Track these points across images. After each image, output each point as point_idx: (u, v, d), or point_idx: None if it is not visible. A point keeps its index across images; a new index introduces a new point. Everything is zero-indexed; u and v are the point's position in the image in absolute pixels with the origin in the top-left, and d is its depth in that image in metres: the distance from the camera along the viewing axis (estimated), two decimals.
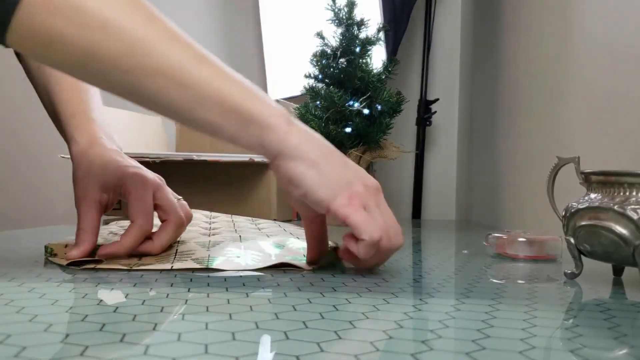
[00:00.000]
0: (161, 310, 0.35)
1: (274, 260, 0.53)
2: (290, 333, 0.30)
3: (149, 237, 0.54)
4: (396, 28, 1.49)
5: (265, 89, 1.71)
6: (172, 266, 0.50)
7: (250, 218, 0.75)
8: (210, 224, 0.68)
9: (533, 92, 1.08)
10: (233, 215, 0.75)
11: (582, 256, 0.50)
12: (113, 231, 0.62)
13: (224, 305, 0.36)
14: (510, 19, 1.27)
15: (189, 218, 0.58)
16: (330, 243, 0.59)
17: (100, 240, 0.54)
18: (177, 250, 0.54)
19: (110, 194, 0.55)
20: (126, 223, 0.66)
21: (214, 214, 0.76)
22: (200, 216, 0.73)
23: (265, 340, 0.29)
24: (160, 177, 0.58)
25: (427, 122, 1.58)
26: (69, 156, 0.57)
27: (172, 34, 0.46)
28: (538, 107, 1.05)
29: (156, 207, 0.55)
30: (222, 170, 1.17)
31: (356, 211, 0.46)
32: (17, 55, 0.62)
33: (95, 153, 0.56)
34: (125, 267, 0.49)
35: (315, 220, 0.52)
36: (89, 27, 0.41)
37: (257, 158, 1.12)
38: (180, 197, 0.60)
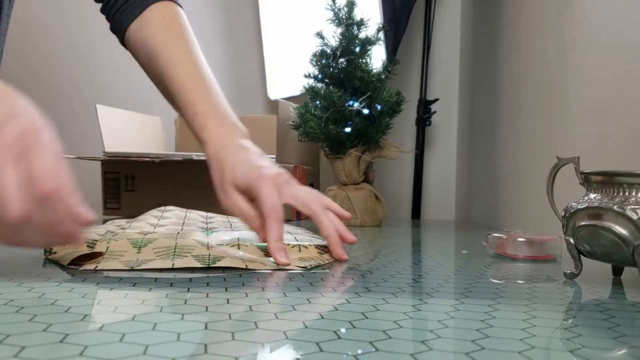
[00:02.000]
0: (160, 310, 0.35)
1: (272, 263, 0.53)
2: (289, 333, 0.30)
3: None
4: (396, 28, 1.49)
5: (265, 88, 1.71)
6: (172, 264, 0.50)
7: None
8: (207, 223, 0.68)
9: (533, 92, 1.08)
10: (229, 216, 0.75)
11: (581, 256, 0.50)
12: (110, 230, 0.62)
13: (224, 305, 0.36)
14: (509, 19, 1.28)
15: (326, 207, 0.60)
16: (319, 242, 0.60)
17: (97, 237, 0.54)
18: (176, 244, 0.54)
19: (246, 194, 0.58)
20: (122, 222, 0.67)
21: (210, 214, 0.76)
22: (196, 216, 0.73)
23: (265, 340, 0.29)
24: (286, 174, 0.60)
25: (427, 122, 1.58)
26: (72, 156, 0.59)
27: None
28: (537, 107, 1.05)
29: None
30: None
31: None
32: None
33: (224, 155, 0.61)
34: (125, 268, 0.49)
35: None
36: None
37: None
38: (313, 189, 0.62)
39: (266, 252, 0.56)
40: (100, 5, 0.79)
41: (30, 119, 0.39)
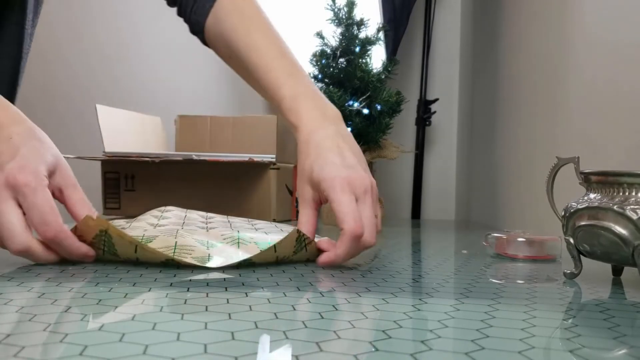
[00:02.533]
0: (160, 310, 0.35)
1: (269, 243, 0.53)
2: (289, 333, 0.30)
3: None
4: (396, 28, 1.49)
5: None
6: (173, 256, 0.50)
7: (246, 219, 0.75)
8: (207, 223, 0.68)
9: (533, 92, 1.08)
10: (229, 217, 0.75)
11: (581, 256, 0.50)
12: None
13: (223, 305, 0.36)
14: (509, 19, 1.28)
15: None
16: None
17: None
18: (176, 243, 0.54)
19: (321, 192, 0.54)
20: (122, 222, 0.66)
21: (209, 214, 0.75)
22: (196, 216, 0.73)
23: (265, 340, 0.29)
24: (369, 182, 0.54)
25: (427, 122, 1.58)
26: (72, 156, 0.61)
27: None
28: (537, 107, 1.05)
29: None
30: (221, 170, 1.17)
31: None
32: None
33: (313, 143, 0.56)
34: (133, 242, 0.50)
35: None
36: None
37: (257, 158, 1.12)
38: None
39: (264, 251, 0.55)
40: (175, 9, 0.78)
41: (26, 161, 0.47)
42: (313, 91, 0.63)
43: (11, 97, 0.77)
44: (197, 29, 0.75)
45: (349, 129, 1.11)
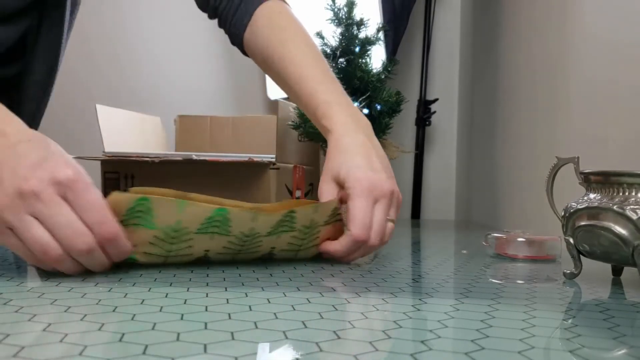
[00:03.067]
0: (160, 310, 0.35)
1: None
2: (289, 333, 0.30)
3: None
4: (396, 28, 1.49)
5: (265, 88, 1.71)
6: (222, 207, 0.48)
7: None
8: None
9: (532, 92, 1.08)
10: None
11: (581, 256, 0.50)
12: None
13: (223, 305, 0.36)
14: (509, 18, 1.28)
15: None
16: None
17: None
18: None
19: (344, 191, 0.56)
20: None
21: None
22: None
23: (264, 340, 0.29)
24: (392, 188, 0.57)
25: (427, 122, 1.58)
26: (71, 156, 0.60)
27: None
28: (537, 107, 1.05)
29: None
30: (221, 170, 1.16)
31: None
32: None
33: (344, 145, 0.60)
34: (179, 195, 0.47)
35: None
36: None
37: (256, 158, 1.12)
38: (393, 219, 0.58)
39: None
40: (216, 20, 0.81)
41: (71, 165, 0.42)
42: (346, 100, 0.67)
43: (43, 103, 0.79)
44: (237, 41, 0.77)
45: None
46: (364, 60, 1.15)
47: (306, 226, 0.54)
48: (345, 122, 0.62)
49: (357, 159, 0.58)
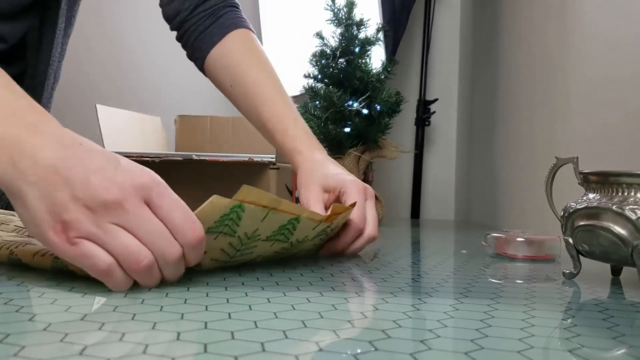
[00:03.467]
0: (160, 310, 0.35)
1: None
2: (289, 332, 0.30)
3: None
4: (395, 28, 1.49)
5: None
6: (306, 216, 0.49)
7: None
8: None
9: (532, 92, 1.09)
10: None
11: (580, 256, 0.50)
12: None
13: (223, 305, 0.36)
14: (509, 19, 1.28)
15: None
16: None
17: None
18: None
19: (331, 194, 0.65)
20: None
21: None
22: None
23: (264, 339, 0.29)
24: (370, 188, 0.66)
25: (426, 122, 1.58)
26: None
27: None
28: (537, 107, 1.05)
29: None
30: (221, 169, 1.17)
31: None
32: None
33: (319, 161, 0.69)
34: (271, 202, 0.45)
35: None
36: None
37: (256, 158, 1.12)
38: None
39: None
40: (175, 33, 0.84)
41: (146, 171, 0.40)
42: (305, 125, 0.76)
43: (45, 104, 0.79)
44: (199, 55, 0.82)
45: (349, 129, 1.11)
46: (363, 61, 1.15)
47: (298, 240, 0.54)
48: (313, 143, 0.73)
49: (336, 168, 0.68)
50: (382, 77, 1.16)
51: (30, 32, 0.73)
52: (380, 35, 1.20)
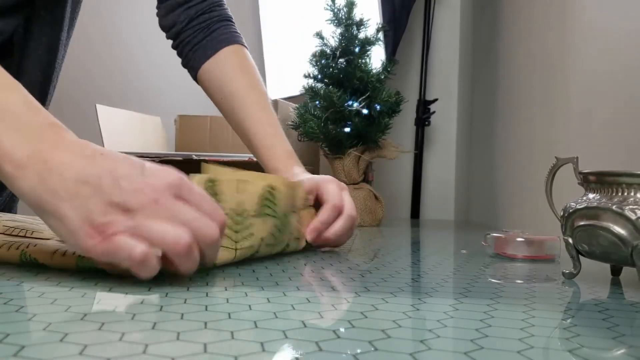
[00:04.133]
0: (160, 309, 0.35)
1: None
2: (289, 332, 0.30)
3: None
4: (395, 28, 1.49)
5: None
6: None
7: None
8: None
9: (532, 92, 1.09)
10: None
11: (580, 256, 0.50)
12: None
13: (223, 304, 0.36)
14: (509, 19, 1.28)
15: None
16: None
17: None
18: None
19: (310, 196, 0.69)
20: None
21: None
22: None
23: (264, 339, 0.29)
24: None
25: (426, 122, 1.58)
26: None
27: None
28: (537, 107, 1.05)
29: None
30: None
31: None
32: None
33: (295, 175, 0.75)
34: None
35: None
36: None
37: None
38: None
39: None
40: (171, 42, 0.89)
41: (167, 169, 0.42)
42: (287, 144, 0.82)
43: (42, 104, 0.79)
44: (193, 65, 0.86)
45: (349, 129, 1.11)
46: (363, 61, 1.15)
47: (285, 214, 0.58)
48: (296, 160, 0.79)
49: (308, 175, 0.74)
50: (382, 77, 1.16)
51: (17, 31, 0.73)
52: (380, 35, 1.20)
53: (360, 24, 1.16)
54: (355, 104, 1.11)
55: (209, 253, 0.42)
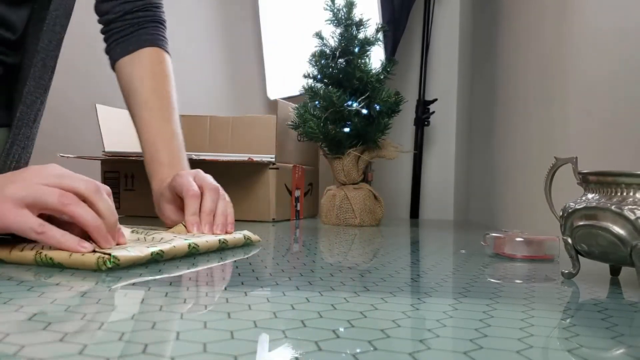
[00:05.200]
0: (160, 309, 0.35)
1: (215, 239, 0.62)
2: (288, 332, 0.30)
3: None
4: (395, 28, 1.49)
5: (264, 88, 1.71)
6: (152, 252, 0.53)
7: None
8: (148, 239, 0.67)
9: (531, 92, 1.09)
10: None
11: (579, 256, 0.50)
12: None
13: (223, 304, 0.37)
14: (508, 19, 1.28)
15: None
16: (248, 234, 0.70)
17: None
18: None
19: (177, 203, 0.76)
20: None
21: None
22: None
23: (264, 339, 0.29)
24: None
25: (426, 122, 1.58)
26: (71, 156, 0.67)
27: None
28: (536, 107, 1.05)
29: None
30: (220, 169, 1.16)
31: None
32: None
33: (164, 188, 0.78)
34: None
35: None
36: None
37: (256, 157, 1.12)
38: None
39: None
40: (101, 25, 0.91)
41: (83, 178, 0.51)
42: (178, 158, 0.84)
43: (40, 98, 0.82)
44: (113, 56, 0.90)
45: (348, 129, 1.11)
46: (363, 61, 1.15)
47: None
48: (168, 175, 0.79)
49: (179, 179, 0.76)
50: (382, 77, 1.16)
51: (30, 20, 0.76)
52: (380, 35, 1.20)
53: (359, 24, 1.16)
54: (355, 104, 1.11)
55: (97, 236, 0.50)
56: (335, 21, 1.16)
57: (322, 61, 1.16)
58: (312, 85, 1.16)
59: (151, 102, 0.84)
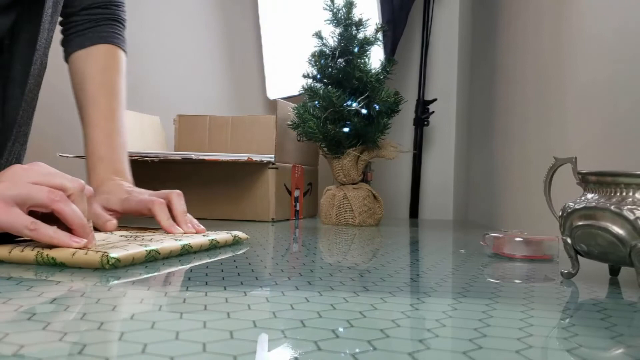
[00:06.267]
0: (159, 309, 0.35)
1: (205, 239, 0.63)
2: (288, 332, 0.30)
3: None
4: (394, 28, 1.49)
5: (264, 88, 1.71)
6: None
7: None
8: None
9: (530, 92, 1.09)
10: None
11: (578, 256, 0.50)
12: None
13: (222, 304, 0.37)
14: (507, 19, 1.28)
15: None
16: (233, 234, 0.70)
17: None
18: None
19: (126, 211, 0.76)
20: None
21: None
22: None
23: (263, 338, 0.29)
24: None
25: (425, 122, 1.58)
26: (71, 156, 0.67)
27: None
28: (535, 107, 1.05)
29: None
30: (220, 169, 1.17)
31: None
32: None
33: (102, 190, 0.77)
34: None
35: None
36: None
37: (256, 157, 1.12)
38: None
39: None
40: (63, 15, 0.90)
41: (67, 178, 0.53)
42: (118, 155, 0.84)
43: (24, 102, 0.82)
44: (67, 48, 0.89)
45: (348, 129, 1.11)
46: (362, 61, 1.15)
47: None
48: (105, 175, 0.80)
49: (115, 189, 0.78)
50: (381, 77, 1.16)
51: (7, 29, 0.75)
52: (379, 35, 1.20)
53: (359, 24, 1.16)
54: (354, 104, 1.11)
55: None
56: (335, 21, 1.16)
57: (322, 61, 1.16)
58: (312, 85, 1.16)
59: (98, 99, 0.85)
